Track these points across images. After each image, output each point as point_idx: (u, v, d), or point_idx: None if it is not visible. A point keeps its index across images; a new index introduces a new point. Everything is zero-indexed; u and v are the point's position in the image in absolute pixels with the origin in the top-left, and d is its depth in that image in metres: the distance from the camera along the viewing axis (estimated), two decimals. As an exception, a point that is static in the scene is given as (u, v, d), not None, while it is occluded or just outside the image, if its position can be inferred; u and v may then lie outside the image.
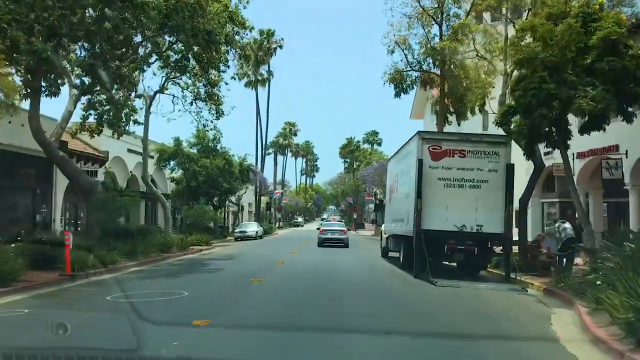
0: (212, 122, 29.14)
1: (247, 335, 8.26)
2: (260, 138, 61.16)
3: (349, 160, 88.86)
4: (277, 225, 79.92)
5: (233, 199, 52.74)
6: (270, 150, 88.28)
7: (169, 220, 28.18)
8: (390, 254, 24.03)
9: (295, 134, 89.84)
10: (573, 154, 24.34)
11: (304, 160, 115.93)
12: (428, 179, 16.75)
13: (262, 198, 71.82)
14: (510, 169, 16.70)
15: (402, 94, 33.12)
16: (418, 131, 18.20)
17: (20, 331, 8.39)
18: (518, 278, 15.88)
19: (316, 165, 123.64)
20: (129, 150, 39.27)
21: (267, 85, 61.87)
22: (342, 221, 62.42)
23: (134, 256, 20.68)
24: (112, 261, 18.64)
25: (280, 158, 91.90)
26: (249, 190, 63.77)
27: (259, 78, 61.38)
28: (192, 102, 28.91)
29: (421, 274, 16.34)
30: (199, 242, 31.60)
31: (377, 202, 70.89)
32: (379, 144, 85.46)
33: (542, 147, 18.27)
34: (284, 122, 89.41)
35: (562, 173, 25.05)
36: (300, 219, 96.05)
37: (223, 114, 28.85)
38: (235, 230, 45.64)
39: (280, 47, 58.76)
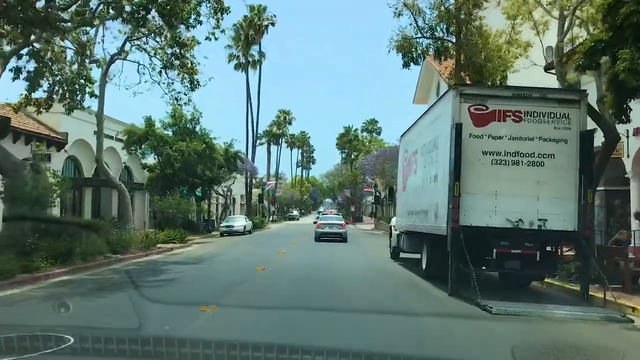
0: (185, 94, 23.95)
1: None
2: (251, 125, 55.63)
3: (346, 150, 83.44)
4: (271, 219, 74.62)
5: (220, 189, 47.45)
6: (264, 140, 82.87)
7: (129, 213, 22.78)
8: (403, 254, 18.77)
9: (290, 123, 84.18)
10: (627, 131, 19.24)
11: (300, 151, 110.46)
12: (468, 153, 11.40)
13: (255, 190, 66.53)
14: (586, 138, 11.40)
15: (411, 64, 28.12)
16: (455, 84, 12.84)
17: None
18: (607, 299, 10.53)
19: (312, 157, 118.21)
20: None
21: (258, 67, 56.38)
22: (339, 214, 57.33)
23: (69, 259, 15.39)
24: (27, 268, 13.35)
25: (274, 148, 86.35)
26: (240, 182, 58.57)
27: (250, 60, 55.95)
28: (160, 70, 23.81)
29: (460, 290, 11.08)
30: (172, 239, 26.31)
31: (377, 195, 65.85)
32: (378, 133, 79.94)
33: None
34: (278, 110, 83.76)
35: (619, 155, 19.98)
36: (295, 212, 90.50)
37: (199, 85, 23.77)
38: (221, 225, 40.29)
39: (273, 24, 53.24)
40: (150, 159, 31.44)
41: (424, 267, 14.11)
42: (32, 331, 7.05)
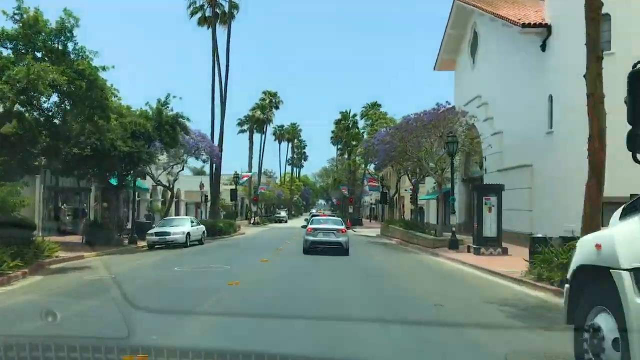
0: None
1: None
2: (220, 95, 39.40)
3: (344, 139, 67.55)
4: (252, 221, 58.78)
5: (164, 178, 31.75)
6: (245, 127, 67.00)
7: None
8: None
9: (277, 107, 67.63)
10: None
11: (290, 145, 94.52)
12: None
13: (229, 186, 50.83)
14: None
15: None
16: None
17: None
18: None
19: (304, 152, 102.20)
20: None
21: (228, 22, 40.72)
22: (334, 215, 41.75)
23: None
24: None
25: (258, 138, 70.12)
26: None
27: (218, 11, 40.45)
28: None
29: None
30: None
31: (385, 191, 50.46)
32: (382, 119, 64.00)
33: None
34: (263, 92, 67.23)
35: None
36: (283, 214, 74.33)
37: None
38: (149, 232, 24.44)
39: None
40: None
41: None
42: None
